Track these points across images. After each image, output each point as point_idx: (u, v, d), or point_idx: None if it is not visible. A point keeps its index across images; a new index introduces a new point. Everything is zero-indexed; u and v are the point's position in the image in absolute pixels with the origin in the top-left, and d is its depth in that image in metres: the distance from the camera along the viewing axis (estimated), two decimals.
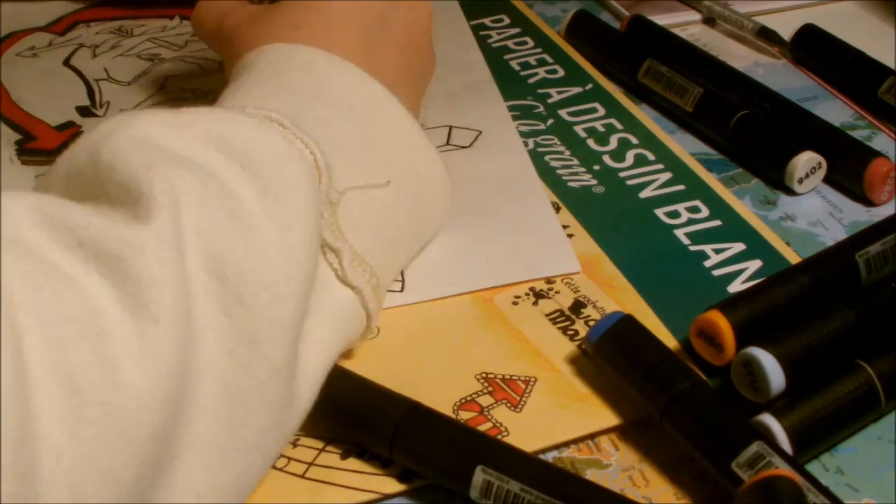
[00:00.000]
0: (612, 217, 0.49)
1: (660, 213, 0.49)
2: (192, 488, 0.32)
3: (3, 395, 0.27)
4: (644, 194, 0.51)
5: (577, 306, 0.44)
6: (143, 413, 0.30)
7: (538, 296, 0.45)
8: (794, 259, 0.46)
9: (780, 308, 0.41)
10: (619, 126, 0.56)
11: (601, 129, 0.55)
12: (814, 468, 0.37)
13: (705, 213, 0.49)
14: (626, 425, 0.39)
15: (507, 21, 0.66)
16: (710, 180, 0.51)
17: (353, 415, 0.38)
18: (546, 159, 0.53)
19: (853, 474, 0.37)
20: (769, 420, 0.37)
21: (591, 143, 0.54)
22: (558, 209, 0.50)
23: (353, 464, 0.38)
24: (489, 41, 0.64)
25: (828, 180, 0.51)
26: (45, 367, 0.28)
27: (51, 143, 0.54)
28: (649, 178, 0.52)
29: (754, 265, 0.46)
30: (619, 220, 0.49)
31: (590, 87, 0.59)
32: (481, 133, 0.54)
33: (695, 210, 0.49)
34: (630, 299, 0.44)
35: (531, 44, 0.63)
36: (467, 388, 0.41)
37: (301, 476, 0.38)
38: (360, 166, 0.40)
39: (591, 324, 0.41)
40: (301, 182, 0.36)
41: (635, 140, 0.54)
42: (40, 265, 0.30)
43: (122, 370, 0.29)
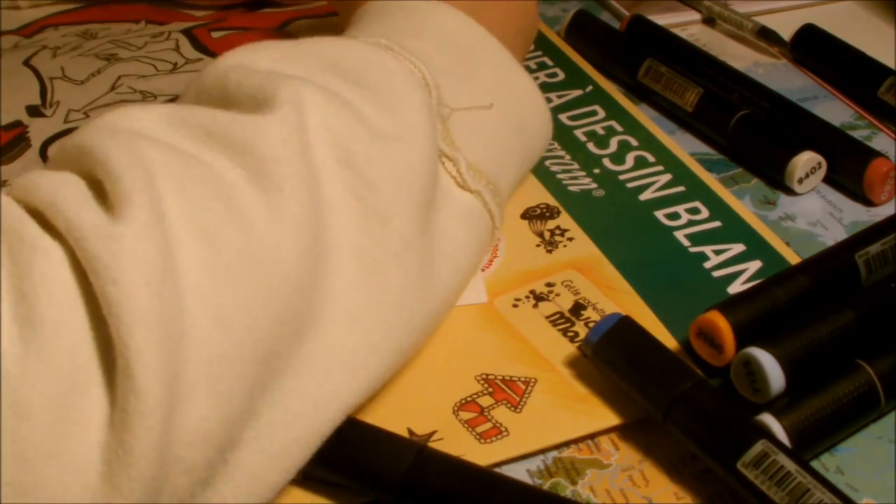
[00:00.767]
0: (612, 220, 0.49)
1: (660, 214, 0.49)
2: (340, 345, 0.35)
3: (133, 237, 0.30)
4: (644, 196, 0.51)
5: (577, 308, 0.44)
6: (278, 264, 0.33)
7: (538, 298, 0.45)
8: (794, 259, 0.46)
9: (779, 308, 0.41)
10: (618, 128, 0.56)
11: (601, 132, 0.55)
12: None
13: (705, 214, 0.49)
14: (626, 425, 0.39)
15: None
16: (710, 181, 0.51)
17: (359, 468, 0.37)
18: (546, 164, 0.53)
19: (853, 474, 0.37)
20: (769, 420, 0.37)
21: (591, 146, 0.54)
22: (559, 213, 0.50)
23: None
24: None
25: (828, 180, 0.51)
26: (182, 222, 0.31)
27: None
28: (649, 181, 0.52)
29: (754, 266, 0.46)
30: (619, 222, 0.49)
31: (590, 89, 0.59)
32: None
33: (695, 211, 0.49)
34: (630, 301, 0.45)
35: (531, 46, 0.63)
36: (467, 388, 0.41)
37: (298, 478, 0.38)
38: (464, 91, 0.43)
39: (591, 325, 0.41)
40: (413, 92, 0.39)
41: (635, 142, 0.54)
42: (175, 152, 0.33)
43: (255, 226, 0.33)
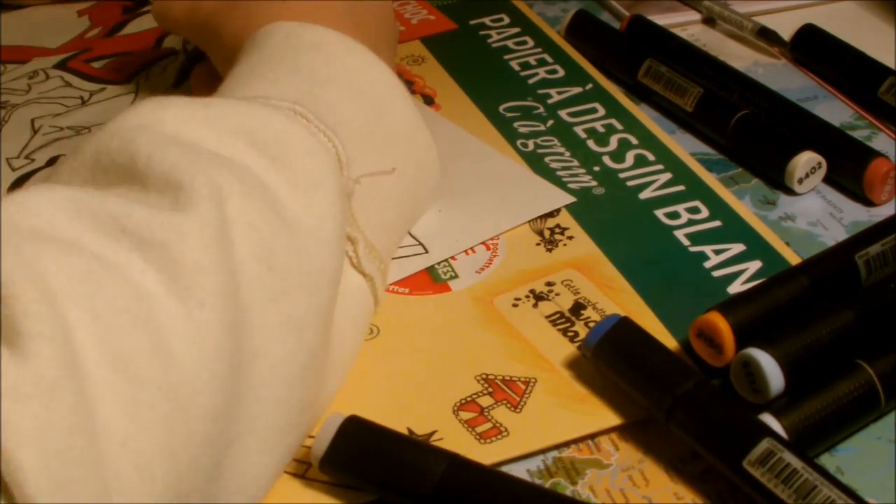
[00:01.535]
0: (611, 218, 0.49)
1: (660, 213, 0.49)
2: (256, 470, 0.34)
3: (58, 388, 0.27)
4: (644, 195, 0.51)
5: (577, 308, 0.44)
6: (198, 395, 0.30)
7: (538, 298, 0.45)
8: (794, 259, 0.46)
9: (779, 309, 0.41)
10: (619, 126, 0.56)
11: (601, 130, 0.55)
12: None
13: (705, 213, 0.49)
14: (626, 425, 0.39)
15: (507, 21, 0.66)
16: (710, 180, 0.51)
17: (391, 478, 0.37)
18: (546, 161, 0.53)
19: (853, 474, 0.37)
20: (769, 420, 0.37)
21: (591, 143, 0.54)
22: (558, 210, 0.50)
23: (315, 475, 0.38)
24: (489, 41, 0.64)
25: (828, 180, 0.51)
26: (99, 357, 0.29)
27: None
28: (649, 179, 0.52)
29: (754, 266, 0.46)
30: (618, 221, 0.49)
31: (590, 87, 0.59)
32: None
33: (695, 210, 0.49)
34: (630, 300, 0.44)
35: (531, 44, 0.63)
36: (467, 388, 0.41)
37: (302, 476, 0.38)
38: (370, 154, 0.41)
39: (592, 325, 0.41)
40: (328, 175, 0.37)
41: (635, 140, 0.54)
42: (82, 257, 0.30)
43: (174, 354, 0.30)
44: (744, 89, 0.56)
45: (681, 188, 0.51)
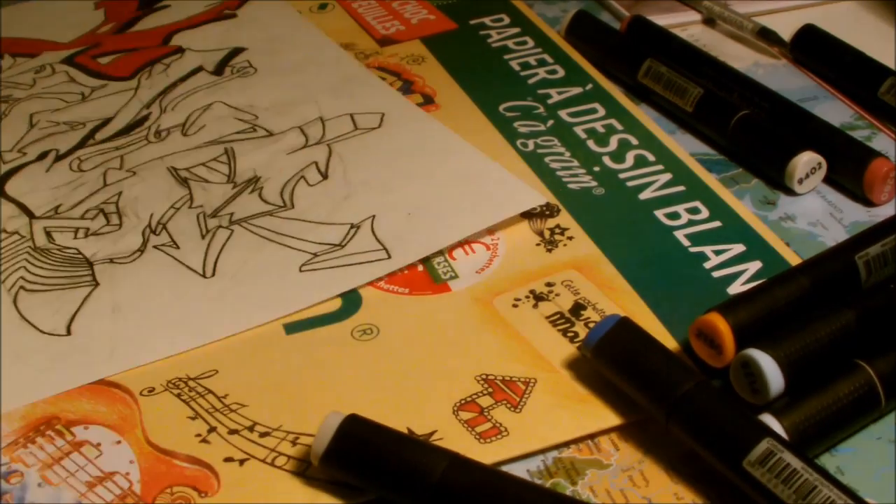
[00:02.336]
0: (611, 219, 0.49)
1: (660, 214, 0.49)
2: None
3: None
4: (644, 195, 0.51)
5: (577, 308, 0.44)
6: None
7: (538, 298, 0.45)
8: (794, 260, 0.46)
9: (779, 309, 0.41)
10: (619, 126, 0.56)
11: (601, 130, 0.55)
12: None
13: (705, 214, 0.49)
14: (626, 425, 0.39)
15: (506, 21, 0.66)
16: (710, 181, 0.51)
17: (390, 473, 0.37)
18: (546, 161, 0.53)
19: (853, 474, 0.37)
20: (769, 420, 0.37)
21: (590, 144, 0.54)
22: (558, 211, 0.50)
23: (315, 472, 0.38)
24: (489, 41, 0.64)
25: (828, 180, 0.51)
26: None
27: None
28: (649, 180, 0.52)
29: (754, 266, 0.46)
30: (618, 221, 0.49)
31: (590, 87, 0.59)
32: (385, 114, 0.57)
33: (695, 211, 0.49)
34: (630, 301, 0.45)
35: (531, 44, 0.63)
36: (467, 389, 0.41)
37: (301, 474, 0.38)
38: None
39: (592, 325, 0.41)
40: None
41: (635, 141, 0.54)
42: None
43: None
44: (744, 89, 0.56)
45: (681, 188, 0.51)
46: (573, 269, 0.46)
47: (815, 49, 0.60)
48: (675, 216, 0.49)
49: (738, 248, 0.47)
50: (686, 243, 0.47)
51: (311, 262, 0.47)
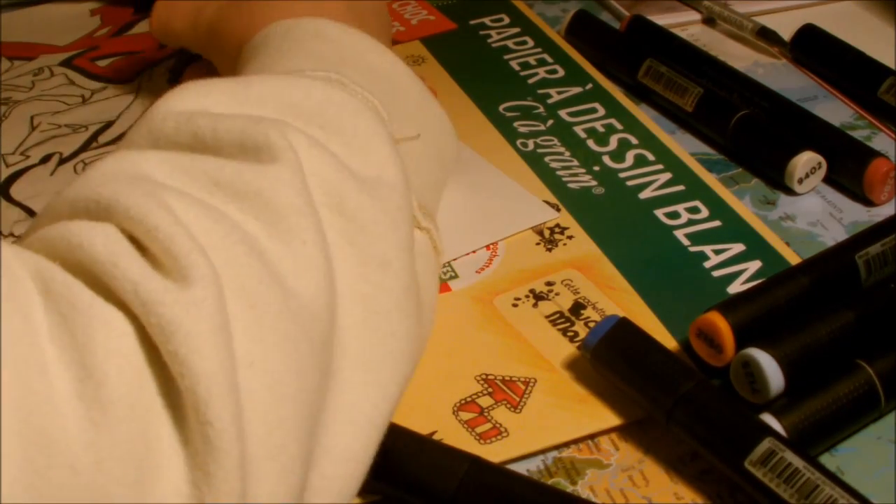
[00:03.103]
0: (611, 218, 0.49)
1: (659, 213, 0.49)
2: (362, 399, 0.34)
3: (211, 303, 0.28)
4: (644, 195, 0.51)
5: (577, 308, 0.44)
6: (315, 321, 0.32)
7: (538, 298, 0.45)
8: (794, 259, 0.46)
9: (779, 309, 0.41)
10: (618, 126, 0.56)
11: (601, 130, 0.55)
12: None
13: (705, 213, 0.49)
14: (626, 425, 0.39)
15: (506, 21, 0.66)
16: (710, 180, 0.51)
17: (411, 475, 0.37)
18: (546, 160, 0.53)
19: (853, 474, 0.37)
20: (770, 420, 0.37)
21: (590, 143, 0.54)
22: (558, 210, 0.50)
23: None
24: (489, 41, 0.64)
25: (828, 180, 0.51)
26: (224, 284, 0.29)
27: None
28: (649, 179, 0.52)
29: (754, 266, 0.46)
30: (618, 221, 0.49)
31: (590, 87, 0.59)
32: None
33: (694, 210, 0.49)
34: (630, 300, 0.44)
35: (531, 44, 0.63)
36: (467, 389, 0.41)
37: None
38: (394, 123, 0.42)
39: (591, 325, 0.41)
40: (378, 128, 0.38)
41: (635, 140, 0.54)
42: (193, 199, 0.31)
43: (288, 283, 0.31)
44: (744, 89, 0.56)
45: (681, 188, 0.51)
46: (573, 269, 0.46)
47: (815, 49, 0.60)
48: (674, 215, 0.49)
49: (737, 248, 0.47)
50: (686, 243, 0.47)
51: None
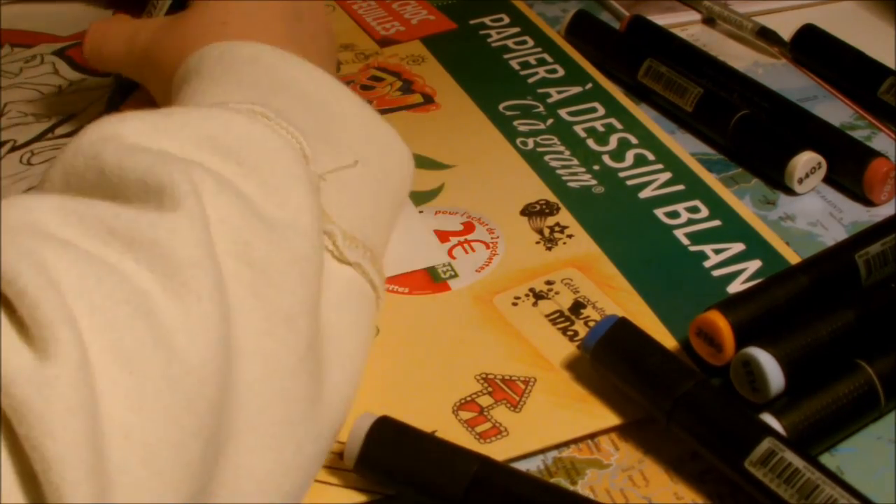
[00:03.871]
0: (611, 217, 0.49)
1: (659, 213, 0.49)
2: (256, 468, 0.33)
3: (67, 381, 0.27)
4: (644, 194, 0.51)
5: (577, 307, 0.44)
6: (202, 386, 0.30)
7: (538, 297, 0.45)
8: (793, 259, 0.46)
9: (779, 308, 0.41)
10: (618, 126, 0.56)
11: (601, 129, 0.55)
12: None
13: (705, 213, 0.49)
14: (626, 425, 0.39)
15: (506, 20, 0.66)
16: (710, 180, 0.51)
17: (419, 475, 0.37)
18: (546, 159, 0.53)
19: (853, 474, 0.37)
20: (769, 420, 0.37)
21: (590, 142, 0.54)
22: (558, 209, 0.50)
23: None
24: (489, 41, 0.64)
25: (828, 180, 0.51)
26: (100, 349, 0.28)
27: None
28: (649, 178, 0.52)
29: (754, 265, 0.46)
30: (618, 220, 0.49)
31: (590, 86, 0.59)
32: None
33: (694, 210, 0.49)
34: (629, 300, 0.44)
35: (531, 43, 0.63)
36: (467, 388, 0.41)
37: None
38: (327, 152, 0.41)
39: (591, 324, 0.41)
40: (297, 170, 0.37)
41: (635, 140, 0.54)
42: (79, 255, 0.30)
43: (176, 346, 0.30)
44: (744, 89, 0.56)
45: (680, 187, 0.51)
46: (573, 268, 0.46)
47: (815, 49, 0.60)
48: (674, 215, 0.49)
49: (737, 247, 0.47)
50: (686, 242, 0.47)
51: None
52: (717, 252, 0.47)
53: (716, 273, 0.46)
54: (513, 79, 0.60)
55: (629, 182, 0.51)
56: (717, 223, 0.48)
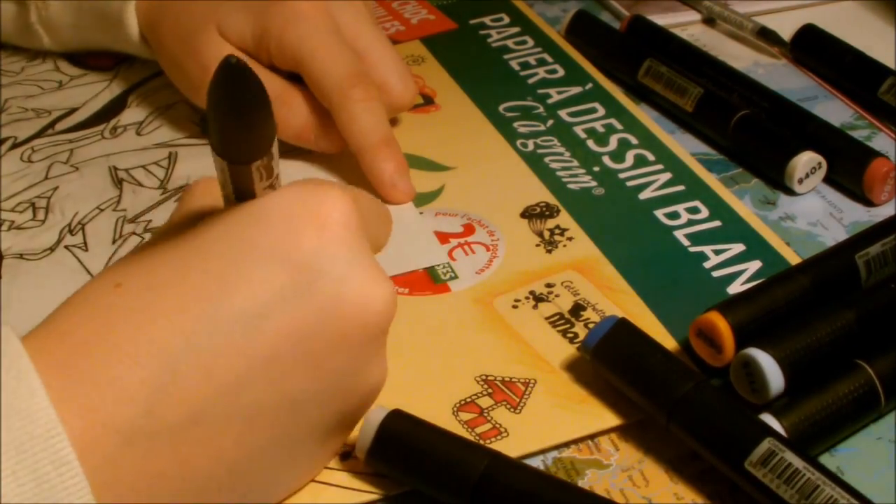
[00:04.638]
0: (611, 219, 0.49)
1: (659, 214, 0.49)
2: None
3: None
4: (644, 195, 0.51)
5: (577, 309, 0.44)
6: None
7: (538, 299, 0.45)
8: (793, 259, 0.46)
9: (779, 309, 0.41)
10: (618, 126, 0.56)
11: (601, 130, 0.55)
12: None
13: (705, 213, 0.49)
14: (625, 425, 0.39)
15: (506, 20, 0.66)
16: (710, 180, 0.51)
17: (429, 468, 0.37)
18: (546, 161, 0.53)
19: (853, 474, 0.37)
20: (770, 420, 0.37)
21: (590, 143, 0.54)
22: (558, 211, 0.50)
23: (353, 464, 0.38)
24: (489, 41, 0.64)
25: (828, 180, 0.51)
26: None
27: None
28: (649, 179, 0.52)
29: (754, 266, 0.46)
30: (618, 221, 0.49)
31: (590, 86, 0.59)
32: None
33: (694, 211, 0.49)
34: (630, 301, 0.44)
35: (531, 43, 0.63)
36: (467, 389, 0.41)
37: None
38: None
39: (591, 326, 0.41)
40: None
41: (635, 140, 0.54)
42: None
43: None
44: (744, 89, 0.56)
45: (681, 188, 0.51)
46: (573, 270, 0.46)
47: (815, 49, 0.60)
48: (674, 216, 0.49)
49: (737, 248, 0.47)
50: (686, 243, 0.47)
51: None
52: (717, 253, 0.47)
53: (716, 274, 0.46)
54: (513, 79, 0.60)
55: (629, 183, 0.51)
56: (717, 224, 0.48)
